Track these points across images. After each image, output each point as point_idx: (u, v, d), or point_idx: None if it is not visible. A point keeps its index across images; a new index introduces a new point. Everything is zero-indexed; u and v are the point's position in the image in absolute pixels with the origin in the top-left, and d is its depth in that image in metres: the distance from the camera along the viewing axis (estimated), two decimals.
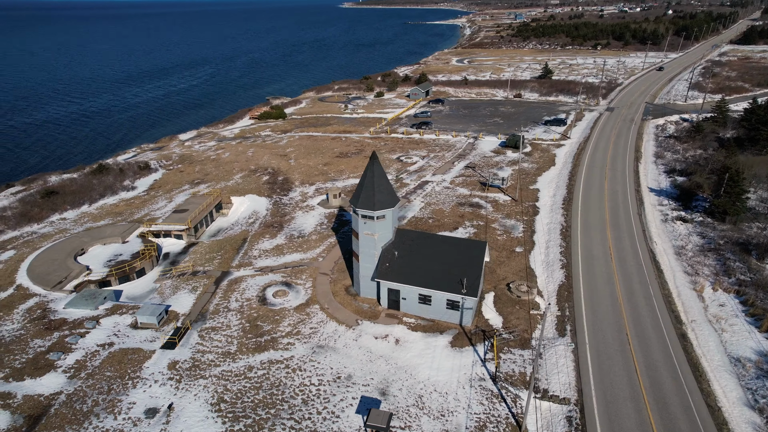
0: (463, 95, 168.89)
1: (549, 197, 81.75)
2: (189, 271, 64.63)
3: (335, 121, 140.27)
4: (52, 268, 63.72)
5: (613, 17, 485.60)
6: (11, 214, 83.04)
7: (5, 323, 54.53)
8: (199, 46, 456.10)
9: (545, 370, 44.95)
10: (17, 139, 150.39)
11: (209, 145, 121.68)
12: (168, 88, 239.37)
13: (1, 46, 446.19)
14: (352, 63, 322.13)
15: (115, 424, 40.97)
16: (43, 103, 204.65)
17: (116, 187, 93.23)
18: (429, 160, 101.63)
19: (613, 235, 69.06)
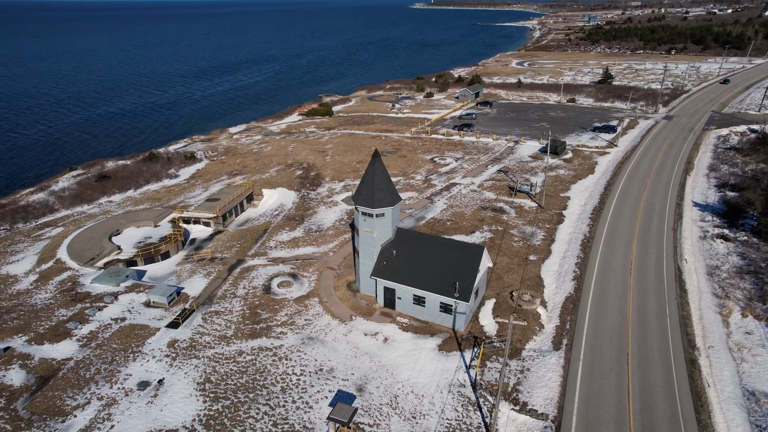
0: (514, 98, 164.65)
1: (578, 206, 78.28)
2: (208, 257, 67.89)
3: (379, 119, 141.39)
4: (88, 246, 69.13)
5: (699, 19, 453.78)
6: (68, 194, 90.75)
7: (40, 292, 59.89)
8: (270, 43, 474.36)
9: (529, 383, 43.38)
10: (93, 126, 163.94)
11: (255, 139, 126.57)
12: (233, 83, 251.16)
13: (97, 43, 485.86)
14: (413, 63, 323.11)
15: (110, 392, 44.02)
16: (122, 94, 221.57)
17: (161, 174, 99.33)
18: (462, 163, 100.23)
19: (638, 248, 65.13)
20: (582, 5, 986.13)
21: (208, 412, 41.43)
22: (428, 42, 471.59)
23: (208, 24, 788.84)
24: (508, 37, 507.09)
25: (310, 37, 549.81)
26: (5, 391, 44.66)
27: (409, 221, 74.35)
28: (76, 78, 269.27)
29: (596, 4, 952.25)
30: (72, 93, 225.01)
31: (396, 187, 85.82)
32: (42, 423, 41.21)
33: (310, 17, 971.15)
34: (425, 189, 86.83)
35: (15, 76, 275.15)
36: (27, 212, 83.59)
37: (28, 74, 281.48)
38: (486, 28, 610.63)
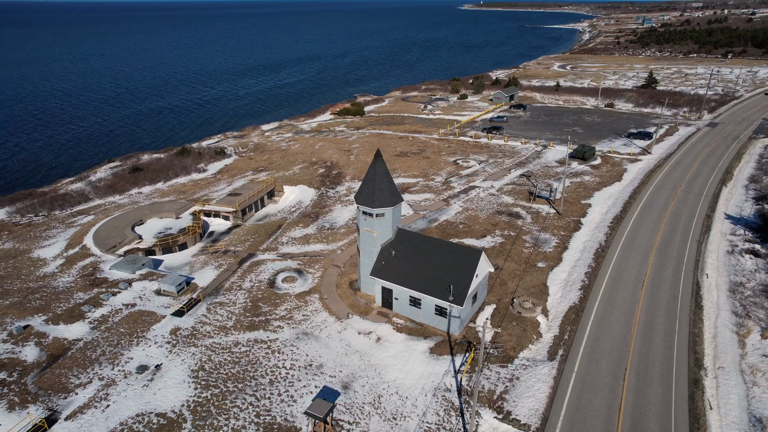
0: (550, 102, 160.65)
1: (599, 214, 75.70)
2: (222, 249, 69.97)
3: (410, 120, 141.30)
4: (112, 234, 72.66)
5: (766, 21, 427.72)
6: (102, 185, 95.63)
7: (64, 275, 63.47)
8: (316, 42, 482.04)
9: (517, 392, 42.44)
10: (142, 120, 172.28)
11: (285, 137, 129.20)
12: (277, 81, 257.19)
13: (153, 42, 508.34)
14: (456, 64, 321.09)
15: (110, 373, 46.22)
16: (172, 91, 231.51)
17: (190, 168, 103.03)
18: (486, 166, 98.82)
19: (655, 260, 62.37)
20: (638, 7, 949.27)
21: (197, 399, 42.83)
22: (473, 43, 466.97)
23: (257, 23, 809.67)
24: (556, 39, 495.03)
25: (356, 36, 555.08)
26: (19, 365, 47.66)
27: (422, 223, 74.08)
28: (132, 75, 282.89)
29: (653, 6, 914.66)
30: (128, 88, 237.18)
31: (414, 188, 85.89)
32: (46, 398, 43.74)
33: (359, 17, 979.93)
34: (443, 191, 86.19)
35: (81, 72, 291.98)
36: (64, 200, 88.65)
37: (90, 71, 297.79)
38: (534, 30, 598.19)
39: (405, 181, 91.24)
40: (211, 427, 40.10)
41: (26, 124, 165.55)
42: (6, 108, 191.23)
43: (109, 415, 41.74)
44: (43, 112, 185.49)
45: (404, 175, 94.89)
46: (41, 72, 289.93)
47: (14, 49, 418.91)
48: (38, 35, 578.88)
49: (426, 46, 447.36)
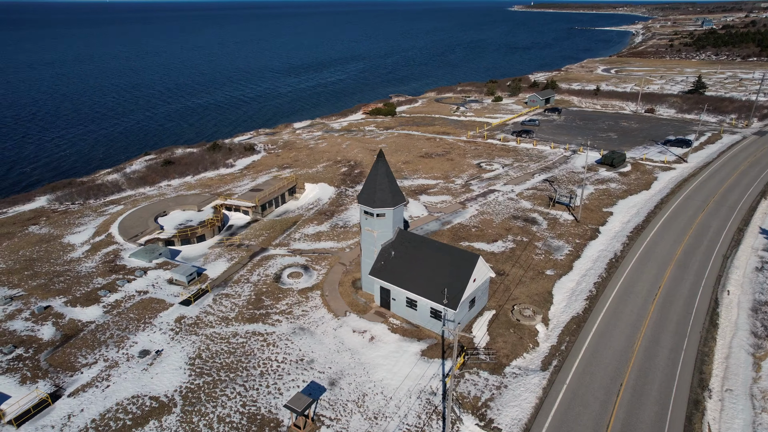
0: (587, 106, 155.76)
1: (619, 223, 72.97)
2: (236, 243, 71.96)
3: (440, 122, 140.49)
4: (135, 224, 76.09)
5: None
6: (135, 176, 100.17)
7: (87, 261, 67.02)
8: (362, 43, 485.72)
9: (502, 400, 41.65)
10: (187, 115, 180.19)
11: (315, 135, 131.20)
12: (319, 80, 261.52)
13: (203, 40, 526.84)
14: (499, 65, 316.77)
15: (114, 355, 48.54)
16: (218, 87, 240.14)
17: (219, 163, 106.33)
18: (509, 169, 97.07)
19: (673, 274, 59.56)
20: (699, 8, 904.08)
21: (189, 386, 44.37)
22: (519, 45, 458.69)
23: (305, 23, 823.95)
24: (606, 41, 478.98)
25: (401, 37, 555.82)
26: (35, 343, 50.77)
27: (435, 224, 73.66)
28: (183, 71, 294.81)
29: (716, 6, 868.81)
30: (178, 84, 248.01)
31: (432, 189, 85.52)
32: (54, 375, 46.42)
33: (407, 18, 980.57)
34: (462, 193, 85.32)
35: (137, 69, 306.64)
36: (99, 190, 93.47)
37: (145, 68, 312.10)
38: (583, 32, 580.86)
39: (424, 183, 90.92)
40: (199, 413, 41.47)
41: (84, 118, 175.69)
42: (69, 102, 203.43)
43: (107, 395, 43.86)
44: (100, 105, 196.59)
45: (425, 176, 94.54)
46: (101, 69, 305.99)
47: (75, 47, 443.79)
48: (95, 34, 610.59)
49: (471, 47, 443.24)
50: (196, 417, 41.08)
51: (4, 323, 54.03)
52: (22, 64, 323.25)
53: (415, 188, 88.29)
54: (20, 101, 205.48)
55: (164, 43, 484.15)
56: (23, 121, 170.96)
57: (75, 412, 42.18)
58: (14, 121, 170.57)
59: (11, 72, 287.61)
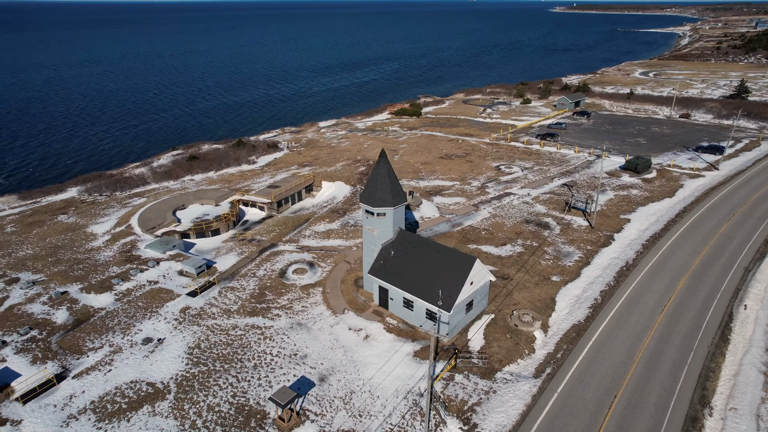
0: (618, 110, 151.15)
1: (636, 230, 70.63)
2: (248, 238, 73.49)
3: (465, 123, 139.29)
4: (154, 216, 78.73)
5: None
6: (161, 171, 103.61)
7: (106, 250, 69.84)
8: (398, 43, 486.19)
9: (489, 405, 41.09)
10: (222, 112, 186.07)
11: (338, 134, 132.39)
12: (351, 79, 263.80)
13: (244, 39, 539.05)
14: (534, 67, 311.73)
15: (119, 341, 50.45)
16: (253, 85, 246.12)
17: (242, 160, 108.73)
18: (529, 173, 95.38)
19: (686, 285, 57.25)
20: (754, 8, 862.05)
21: (185, 374, 45.68)
22: (557, 47, 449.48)
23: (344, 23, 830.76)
24: (650, 44, 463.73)
25: (438, 38, 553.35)
26: (49, 326, 53.32)
27: (445, 226, 73.20)
28: (222, 69, 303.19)
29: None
30: (217, 82, 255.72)
31: (447, 191, 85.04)
32: (63, 357, 48.63)
33: (445, 19, 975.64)
34: (476, 196, 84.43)
35: (178, 66, 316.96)
36: (126, 183, 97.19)
37: (186, 66, 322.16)
38: (626, 34, 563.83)
39: (440, 184, 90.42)
40: (190, 401, 42.66)
41: (126, 113, 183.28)
42: (114, 98, 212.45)
43: (108, 378, 45.65)
44: (142, 101, 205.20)
45: (442, 177, 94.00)
46: (145, 67, 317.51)
47: (122, 46, 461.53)
48: (142, 33, 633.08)
49: (508, 49, 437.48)
50: (187, 404, 42.28)
51: (23, 306, 56.96)
52: (74, 61, 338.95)
53: (430, 189, 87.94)
54: (71, 96, 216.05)
55: (207, 43, 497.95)
56: (72, 115, 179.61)
57: (77, 393, 44.10)
58: (64, 115, 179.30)
59: (64, 69, 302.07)
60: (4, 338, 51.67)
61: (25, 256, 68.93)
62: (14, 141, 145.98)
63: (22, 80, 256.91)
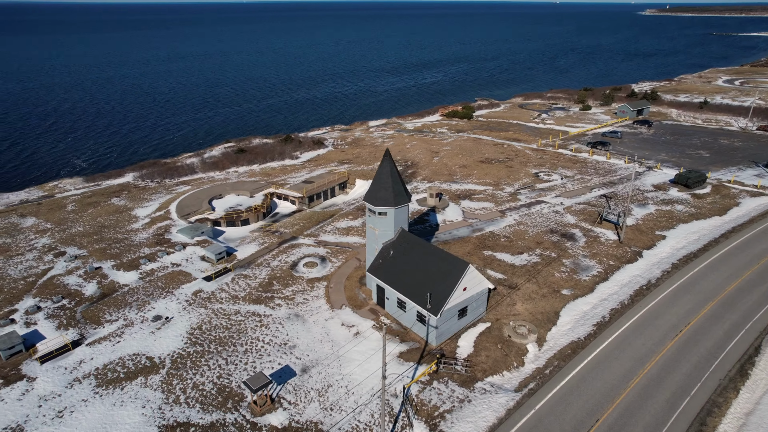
0: (686, 120, 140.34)
1: (669, 249, 65.70)
2: (273, 229, 76.23)
3: (515, 128, 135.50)
4: (192, 204, 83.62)
5: None
6: (209, 161, 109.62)
7: (143, 232, 75.18)
8: (470, 45, 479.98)
9: (461, 414, 40.19)
10: (281, 108, 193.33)
11: (385, 134, 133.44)
12: (417, 80, 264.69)
13: (318, 38, 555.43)
14: (610, 72, 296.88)
15: (132, 316, 54.34)
16: (321, 83, 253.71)
17: (285, 154, 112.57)
18: (568, 181, 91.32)
19: (713, 311, 52.61)
20: None
21: (181, 352, 48.46)
22: (640, 52, 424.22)
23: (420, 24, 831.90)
24: (749, 48, 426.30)
25: (513, 40, 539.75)
26: (78, 296, 58.44)
27: (465, 231, 71.98)
28: (294, 67, 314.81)
29: None
30: (288, 79, 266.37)
31: (477, 195, 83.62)
32: (83, 326, 53.17)
33: (524, 21, 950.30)
34: (506, 202, 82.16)
35: (256, 64, 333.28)
36: (176, 171, 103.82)
37: (262, 63, 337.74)
38: (722, 39, 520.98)
39: (472, 188, 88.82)
40: (179, 377, 45.24)
41: (203, 105, 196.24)
42: (195, 91, 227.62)
43: (115, 349, 49.39)
44: (217, 95, 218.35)
45: (476, 181, 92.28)
46: (227, 63, 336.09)
47: (206, 44, 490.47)
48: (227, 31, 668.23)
49: (585, 53, 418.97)
50: (176, 380, 44.87)
51: (62, 277, 62.77)
52: (162, 57, 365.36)
53: (460, 193, 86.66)
54: (158, 89, 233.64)
55: (285, 41, 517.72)
56: (155, 107, 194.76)
57: (86, 360, 48.10)
58: (148, 108, 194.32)
59: (155, 63, 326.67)
60: (39, 304, 57.26)
61: (75, 233, 75.73)
62: (106, 129, 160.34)
63: (120, 75, 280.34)
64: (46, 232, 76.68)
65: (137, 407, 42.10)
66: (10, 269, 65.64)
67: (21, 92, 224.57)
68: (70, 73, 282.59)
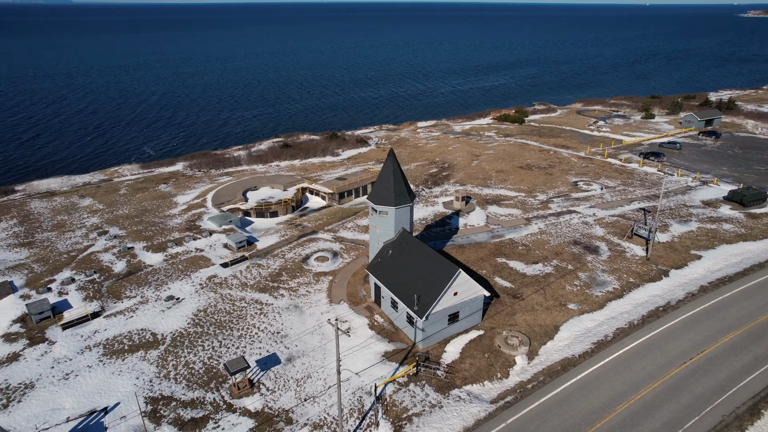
0: (762, 132, 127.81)
1: (703, 270, 60.60)
2: (297, 223, 78.49)
3: (567, 134, 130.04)
4: (227, 194, 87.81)
5: None
6: (255, 155, 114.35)
7: (177, 218, 79.97)
8: (544, 48, 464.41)
9: (428, 419, 39.64)
10: (344, 106, 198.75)
11: (431, 135, 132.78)
12: (481, 82, 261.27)
13: (397, 38, 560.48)
14: (696, 79, 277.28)
15: (149, 294, 58.21)
16: (384, 84, 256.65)
17: (327, 151, 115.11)
18: (608, 192, 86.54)
19: (736, 341, 48.11)
20: None
21: (182, 332, 51.34)
22: (735, 57, 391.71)
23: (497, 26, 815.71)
24: None
25: (594, 44, 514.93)
26: (108, 272, 63.39)
27: (483, 236, 70.42)
28: (362, 66, 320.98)
29: None
30: (355, 77, 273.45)
31: (506, 201, 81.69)
32: (105, 299, 57.69)
33: (610, 24, 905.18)
34: (534, 209, 79.33)
35: (325, 62, 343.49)
36: (223, 162, 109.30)
37: (331, 62, 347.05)
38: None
39: (504, 193, 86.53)
40: (174, 354, 48.02)
41: (266, 101, 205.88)
42: (261, 87, 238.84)
43: (127, 323, 53.19)
44: (284, 92, 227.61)
45: (510, 187, 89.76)
46: (298, 61, 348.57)
47: (280, 42, 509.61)
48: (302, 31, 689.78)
49: (670, 58, 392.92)
50: (171, 356, 47.68)
51: (99, 253, 68.32)
52: (240, 54, 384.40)
53: (490, 198, 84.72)
54: (235, 85, 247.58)
55: (356, 40, 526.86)
56: (231, 100, 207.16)
57: (100, 330, 52.19)
58: (222, 102, 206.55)
59: (229, 61, 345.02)
60: (74, 276, 62.73)
61: (120, 215, 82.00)
62: (184, 120, 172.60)
63: (200, 71, 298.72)
64: (98, 212, 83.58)
65: (132, 378, 45.19)
66: (59, 243, 72.30)
67: (109, 85, 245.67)
68: (156, 68, 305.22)
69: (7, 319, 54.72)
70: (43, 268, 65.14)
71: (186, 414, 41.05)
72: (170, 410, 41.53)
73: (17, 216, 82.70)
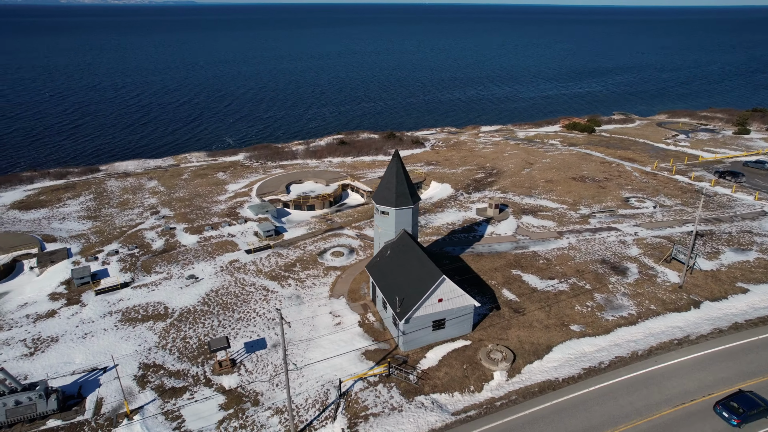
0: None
1: (745, 305, 53.97)
2: (328, 218, 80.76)
3: (638, 147, 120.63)
4: (271, 185, 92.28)
5: None
6: (312, 150, 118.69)
7: (221, 204, 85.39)
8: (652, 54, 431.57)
9: (386, 420, 39.53)
10: (417, 105, 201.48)
11: (491, 140, 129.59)
12: (567, 88, 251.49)
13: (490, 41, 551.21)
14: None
15: (174, 271, 63.18)
16: (469, 85, 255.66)
17: (381, 150, 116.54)
18: (661, 211, 79.48)
19: (755, 388, 42.59)
20: None
21: (191, 309, 55.30)
22: None
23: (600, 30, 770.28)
24: None
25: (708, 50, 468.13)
26: (146, 248, 69.59)
27: (506, 246, 68.01)
28: (449, 68, 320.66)
29: None
30: (438, 78, 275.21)
31: (544, 212, 78.81)
32: (138, 272, 63.52)
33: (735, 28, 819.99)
34: (572, 224, 75.00)
35: (415, 62, 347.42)
36: (280, 155, 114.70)
37: (419, 62, 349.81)
38: None
39: (545, 204, 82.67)
40: (176, 328, 51.93)
41: (343, 100, 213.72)
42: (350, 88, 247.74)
43: (147, 295, 58.28)
44: (369, 92, 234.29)
45: (554, 198, 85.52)
46: (380, 61, 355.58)
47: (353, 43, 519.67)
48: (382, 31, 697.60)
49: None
50: (173, 329, 51.64)
51: (145, 231, 75.12)
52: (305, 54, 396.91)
53: (529, 207, 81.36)
54: (317, 82, 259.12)
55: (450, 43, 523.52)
56: (312, 96, 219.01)
57: (124, 299, 57.69)
58: (306, 97, 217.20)
59: (318, 59, 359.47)
60: (119, 248, 69.63)
61: (175, 197, 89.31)
62: (264, 113, 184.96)
63: (289, 68, 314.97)
64: (158, 193, 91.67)
65: (134, 344, 49.60)
66: (117, 219, 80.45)
67: (212, 78, 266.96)
68: (249, 64, 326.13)
69: (57, 281, 62.10)
70: (98, 239, 72.89)
71: (169, 382, 44.38)
72: (157, 377, 45.11)
73: (94, 192, 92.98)
